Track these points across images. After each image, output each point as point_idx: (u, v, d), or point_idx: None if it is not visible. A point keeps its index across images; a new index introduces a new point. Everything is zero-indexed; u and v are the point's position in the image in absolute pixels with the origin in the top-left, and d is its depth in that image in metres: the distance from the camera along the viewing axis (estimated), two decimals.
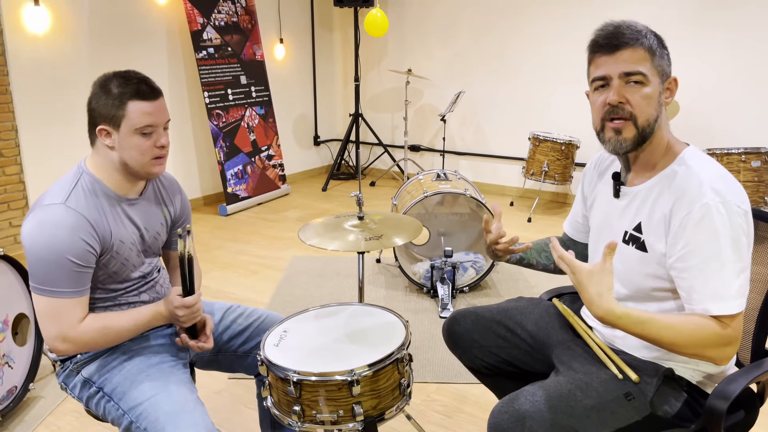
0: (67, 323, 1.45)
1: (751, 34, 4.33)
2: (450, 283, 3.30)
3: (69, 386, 1.59)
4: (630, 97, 1.31)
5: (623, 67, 1.30)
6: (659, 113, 1.33)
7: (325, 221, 2.05)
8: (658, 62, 1.31)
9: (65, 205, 1.45)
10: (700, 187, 1.26)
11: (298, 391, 1.47)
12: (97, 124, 1.50)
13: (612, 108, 1.33)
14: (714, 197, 1.23)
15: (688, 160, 1.32)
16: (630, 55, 1.30)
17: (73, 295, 1.45)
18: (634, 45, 1.30)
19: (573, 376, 1.36)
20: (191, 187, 5.22)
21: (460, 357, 1.74)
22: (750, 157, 3.95)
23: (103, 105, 1.48)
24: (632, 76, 1.30)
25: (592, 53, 1.36)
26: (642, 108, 1.31)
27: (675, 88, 1.34)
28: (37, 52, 3.97)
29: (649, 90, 1.30)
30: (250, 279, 3.71)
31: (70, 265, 1.42)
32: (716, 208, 1.23)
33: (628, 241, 1.41)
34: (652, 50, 1.30)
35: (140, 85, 1.49)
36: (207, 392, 2.51)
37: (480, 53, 5.54)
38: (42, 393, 2.48)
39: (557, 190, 5.39)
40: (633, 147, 1.35)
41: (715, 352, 1.24)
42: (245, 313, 1.81)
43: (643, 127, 1.32)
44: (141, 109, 1.48)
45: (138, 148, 1.51)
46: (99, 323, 1.50)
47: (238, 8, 5.21)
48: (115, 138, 1.50)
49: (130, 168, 1.54)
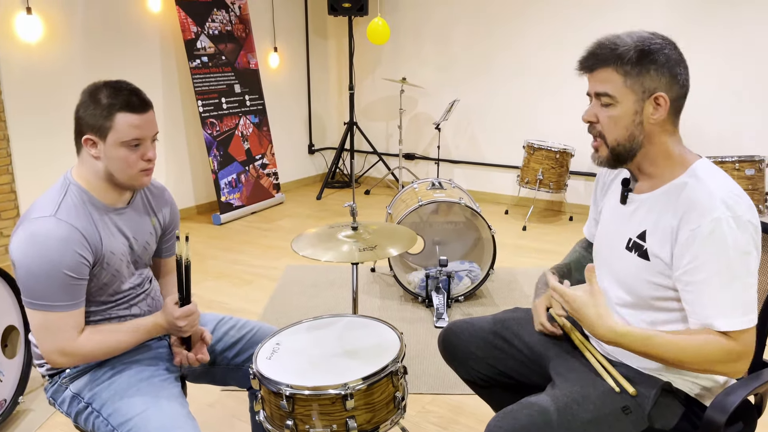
0: (64, 337, 1.43)
1: (744, 42, 4.34)
2: (445, 293, 3.28)
3: (57, 401, 1.56)
4: (600, 117, 1.33)
5: (596, 87, 1.32)
6: (638, 131, 1.31)
7: (318, 231, 2.03)
8: (635, 80, 1.27)
9: (56, 218, 1.43)
10: (711, 200, 1.23)
11: (291, 405, 1.45)
12: (83, 133, 1.48)
13: (588, 126, 1.37)
14: (725, 211, 1.21)
15: (699, 172, 1.30)
16: (602, 75, 1.30)
17: (69, 308, 1.43)
18: (604, 65, 1.29)
19: (570, 389, 1.34)
20: (185, 196, 5.19)
21: (457, 368, 1.72)
22: (744, 165, 3.96)
23: (91, 114, 1.46)
24: (601, 98, 1.31)
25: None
26: (609, 129, 1.32)
27: (665, 105, 1.29)
28: (30, 61, 3.94)
29: (617, 111, 1.30)
30: (243, 289, 3.68)
31: (64, 278, 1.40)
32: (726, 223, 1.21)
33: (631, 248, 1.39)
34: (627, 69, 1.27)
35: (130, 97, 1.46)
36: (199, 405, 2.48)
37: (474, 62, 5.55)
38: (32, 406, 2.44)
39: (552, 199, 5.39)
40: (609, 164, 1.37)
41: (724, 367, 1.23)
42: (237, 325, 1.79)
43: (612, 147, 1.34)
44: (129, 122, 1.46)
45: (124, 161, 1.48)
46: (98, 336, 1.49)
47: (232, 17, 5.21)
48: (101, 148, 1.48)
49: (115, 179, 1.52)
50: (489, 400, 1.77)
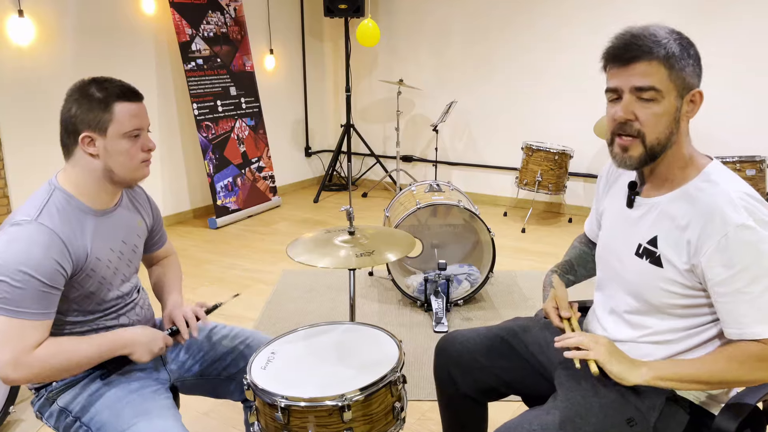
0: (22, 347, 1.34)
1: (745, 42, 4.31)
2: (444, 297, 3.23)
3: (45, 415, 1.51)
4: (640, 114, 1.23)
5: (634, 81, 1.22)
6: (675, 130, 1.24)
7: (315, 236, 1.98)
8: (678, 74, 1.21)
9: (37, 222, 1.38)
10: (733, 207, 1.18)
11: (287, 417, 1.40)
12: (79, 132, 1.43)
13: (620, 124, 1.25)
14: (748, 218, 1.17)
15: (713, 176, 1.25)
16: (643, 68, 1.21)
17: (38, 317, 1.36)
18: (648, 58, 1.20)
19: (572, 401, 1.30)
20: (180, 200, 5.14)
21: (456, 379, 1.65)
22: (745, 165, 3.92)
23: (86, 110, 1.41)
24: (644, 92, 1.21)
25: (605, 63, 1.27)
26: (652, 126, 1.23)
27: (700, 101, 1.24)
28: (22, 65, 3.89)
29: (661, 107, 1.22)
30: (239, 294, 3.63)
31: (38, 284, 1.34)
32: (754, 230, 1.17)
33: (641, 254, 1.33)
34: (671, 62, 1.20)
35: (123, 87, 1.44)
36: (194, 414, 2.42)
37: (472, 63, 5.51)
38: (23, 416, 2.39)
39: (551, 200, 5.35)
40: (639, 165, 1.28)
41: (764, 376, 1.20)
42: (230, 334, 1.74)
43: (652, 146, 1.24)
44: (128, 111, 1.44)
45: (127, 153, 1.45)
46: (54, 347, 1.38)
47: (227, 19, 5.16)
48: (101, 145, 1.43)
49: (115, 175, 1.47)
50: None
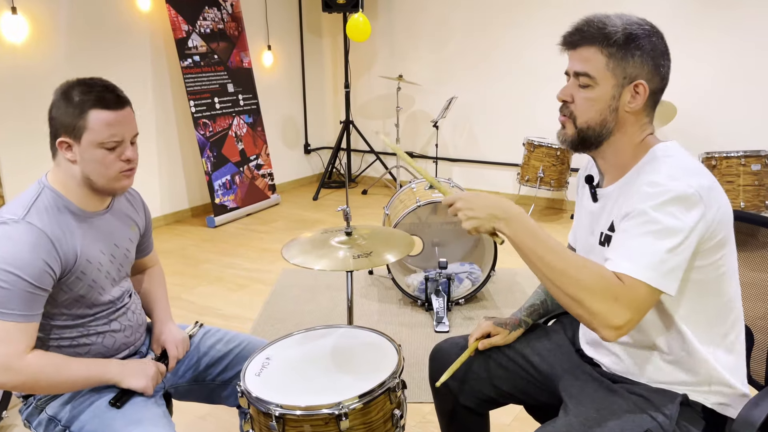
0: (12, 350, 1.30)
1: (749, 36, 4.25)
2: (445, 296, 3.19)
3: (33, 424, 1.46)
4: (575, 97, 1.27)
5: (574, 66, 1.26)
6: (610, 117, 1.25)
7: (312, 237, 1.93)
8: (618, 63, 1.21)
9: (25, 221, 1.33)
10: (659, 174, 1.17)
11: (282, 426, 1.35)
12: (57, 135, 1.38)
13: (561, 104, 1.31)
14: (670, 181, 1.15)
15: (658, 153, 1.24)
16: (583, 54, 1.24)
17: (23, 319, 1.31)
18: (588, 44, 1.23)
19: (585, 415, 1.24)
20: (178, 199, 5.08)
21: (453, 390, 1.60)
22: (750, 160, 3.86)
23: (63, 114, 1.36)
24: (579, 77, 1.25)
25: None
26: (582, 110, 1.26)
27: (644, 94, 1.22)
28: (15, 62, 3.83)
29: (594, 93, 1.24)
30: (237, 294, 3.58)
31: (25, 285, 1.29)
32: (667, 187, 1.14)
33: (603, 242, 1.33)
34: (610, 51, 1.21)
35: (104, 93, 1.37)
36: (190, 418, 2.38)
37: (472, 58, 5.45)
38: (16, 421, 2.35)
39: (553, 197, 5.29)
40: (573, 145, 1.31)
41: (598, 302, 1.10)
42: (225, 338, 1.69)
43: (581, 129, 1.27)
44: (103, 120, 1.36)
45: (101, 162, 1.39)
46: (48, 359, 1.35)
47: (224, 15, 5.10)
48: (76, 151, 1.38)
49: (93, 183, 1.42)
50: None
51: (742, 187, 3.88)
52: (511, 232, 1.20)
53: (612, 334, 1.11)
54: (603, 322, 1.10)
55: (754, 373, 1.54)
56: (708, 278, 1.22)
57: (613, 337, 1.11)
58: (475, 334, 1.55)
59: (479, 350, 1.56)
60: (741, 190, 3.88)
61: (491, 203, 1.23)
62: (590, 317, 1.11)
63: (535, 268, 1.17)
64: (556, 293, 1.15)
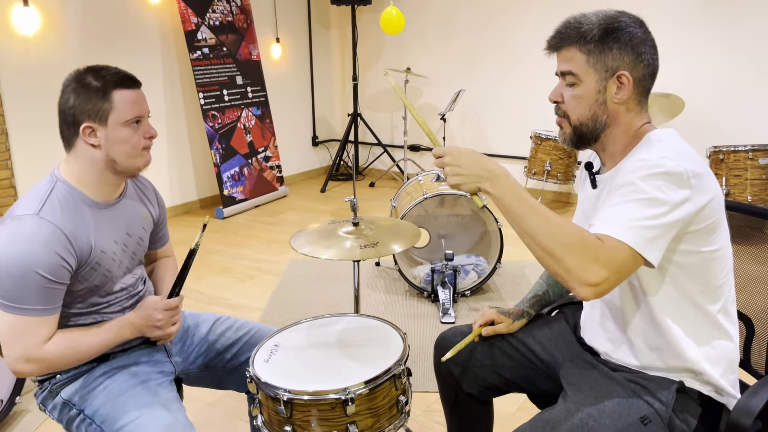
0: (32, 343, 1.35)
1: (757, 29, 4.23)
2: (451, 287, 3.21)
3: (48, 408, 1.50)
4: (565, 97, 1.32)
5: (560, 66, 1.32)
6: (601, 111, 1.28)
7: (319, 228, 1.96)
8: (598, 58, 1.25)
9: (39, 217, 1.35)
10: (651, 153, 1.20)
11: (290, 410, 1.39)
12: (80, 122, 1.40)
13: (555, 106, 1.35)
14: (661, 159, 1.17)
15: (652, 137, 1.27)
16: (565, 55, 1.30)
17: (43, 313, 1.35)
18: (568, 44, 1.29)
19: (583, 401, 1.27)
20: (187, 190, 5.13)
21: (457, 378, 1.63)
22: (758, 154, 3.85)
23: (84, 100, 1.39)
24: (565, 77, 1.30)
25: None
26: (573, 108, 1.31)
27: (629, 83, 1.25)
28: (27, 54, 3.88)
29: (580, 90, 1.28)
30: (246, 284, 3.62)
31: (42, 281, 1.33)
32: (656, 163, 1.17)
33: None
34: (588, 48, 1.26)
35: (120, 74, 1.42)
36: (200, 405, 2.42)
37: (479, 50, 5.45)
38: (29, 406, 2.40)
39: (560, 190, 5.30)
40: (572, 143, 1.35)
41: (577, 261, 1.10)
42: (235, 326, 1.73)
43: (576, 126, 1.31)
44: (128, 98, 1.41)
45: (128, 141, 1.43)
46: (65, 341, 1.40)
47: (233, 7, 5.12)
48: (102, 134, 1.41)
49: (117, 165, 1.45)
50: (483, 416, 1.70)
51: (750, 181, 3.87)
52: (496, 192, 1.21)
53: (587, 291, 1.11)
54: (578, 278, 1.10)
55: (754, 363, 1.56)
56: (693, 263, 1.23)
57: (589, 294, 1.11)
58: (479, 321, 1.58)
59: (483, 336, 1.59)
60: (749, 184, 3.87)
61: (479, 164, 1.24)
62: (566, 273, 1.12)
63: (518, 227, 1.18)
64: (535, 250, 1.16)
